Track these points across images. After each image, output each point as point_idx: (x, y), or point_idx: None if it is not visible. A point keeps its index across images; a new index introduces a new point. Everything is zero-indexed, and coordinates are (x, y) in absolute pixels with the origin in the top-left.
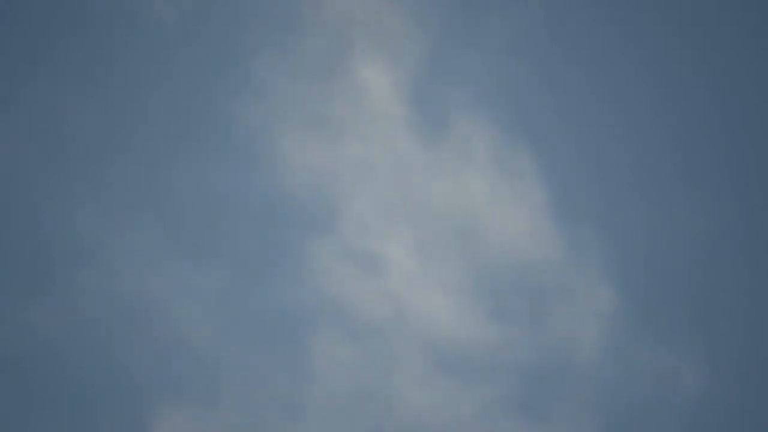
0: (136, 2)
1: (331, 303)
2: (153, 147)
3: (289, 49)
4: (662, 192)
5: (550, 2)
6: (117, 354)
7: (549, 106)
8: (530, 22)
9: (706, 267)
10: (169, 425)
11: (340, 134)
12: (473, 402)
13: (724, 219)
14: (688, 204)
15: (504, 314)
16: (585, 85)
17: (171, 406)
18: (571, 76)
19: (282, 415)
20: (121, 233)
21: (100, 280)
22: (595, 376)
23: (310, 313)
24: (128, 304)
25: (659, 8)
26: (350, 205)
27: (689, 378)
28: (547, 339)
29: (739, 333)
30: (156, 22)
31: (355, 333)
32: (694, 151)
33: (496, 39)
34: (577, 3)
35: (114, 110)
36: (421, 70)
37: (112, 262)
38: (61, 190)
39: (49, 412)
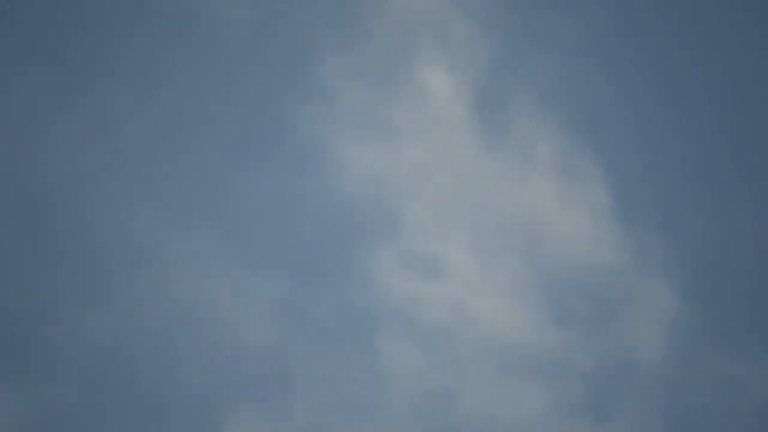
0: (202, 4)
1: (393, 307)
2: (212, 152)
3: (351, 52)
4: (727, 196)
5: (616, 3)
6: (178, 360)
7: (613, 109)
8: (595, 25)
9: None
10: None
11: (401, 138)
12: (537, 405)
13: None
14: (753, 208)
15: (567, 318)
16: (650, 88)
17: (239, 412)
18: (635, 78)
19: (351, 418)
20: (180, 239)
21: (158, 286)
22: (658, 381)
23: (372, 317)
24: (187, 309)
25: (730, 9)
26: (412, 209)
27: (755, 384)
28: (610, 343)
29: None
30: (220, 26)
31: (419, 336)
32: (762, 155)
33: (561, 42)
34: (643, 4)
35: (174, 114)
36: (485, 73)
37: (170, 268)
38: (120, 194)
39: (116, 418)
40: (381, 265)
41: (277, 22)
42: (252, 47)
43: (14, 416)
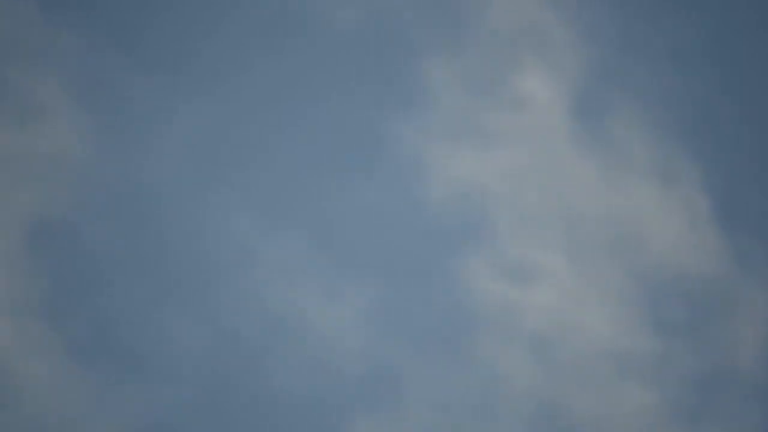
0: (308, 6)
1: (490, 312)
2: (307, 157)
3: (450, 58)
4: None
5: (715, 8)
6: (278, 365)
7: (712, 112)
8: (693, 29)
9: None
10: None
11: (500, 144)
12: (638, 410)
13: None
14: None
15: (666, 325)
16: (750, 91)
17: (346, 418)
18: (735, 81)
19: (464, 425)
20: (275, 244)
21: (251, 290)
22: (759, 388)
23: (469, 323)
24: (283, 314)
25: None
26: (510, 214)
27: None
28: (710, 350)
29: None
30: (323, 30)
31: (519, 342)
32: None
33: (659, 47)
34: (742, 8)
35: (271, 118)
36: (583, 78)
37: (262, 273)
38: (216, 200)
39: (222, 422)
40: (478, 270)
41: (376, 26)
42: (351, 53)
43: (121, 416)
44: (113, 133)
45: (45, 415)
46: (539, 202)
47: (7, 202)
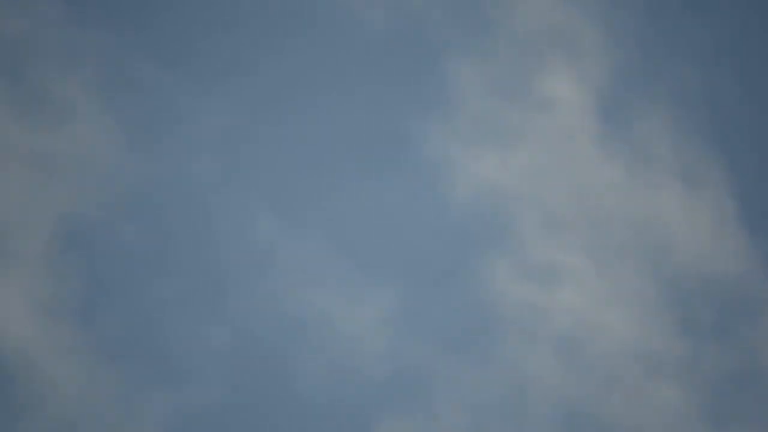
0: (339, 11)
1: (514, 314)
2: (330, 159)
3: (476, 61)
4: None
5: (740, 8)
6: (298, 367)
7: (738, 114)
8: (718, 30)
9: None
10: None
11: (522, 146)
12: (663, 412)
13: None
14: None
15: (692, 326)
16: None
17: (369, 421)
18: (763, 84)
19: (484, 424)
20: (297, 247)
21: (276, 293)
22: None
23: (494, 325)
24: (304, 317)
25: None
26: (535, 216)
27: None
28: (736, 351)
29: None
30: (351, 30)
31: (543, 344)
32: None
33: (684, 49)
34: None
35: (294, 120)
36: (609, 81)
37: (288, 275)
38: (238, 202)
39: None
40: (503, 272)
41: (404, 27)
42: (378, 53)
43: (147, 416)
44: (141, 134)
45: (72, 414)
46: (565, 204)
47: (37, 203)
